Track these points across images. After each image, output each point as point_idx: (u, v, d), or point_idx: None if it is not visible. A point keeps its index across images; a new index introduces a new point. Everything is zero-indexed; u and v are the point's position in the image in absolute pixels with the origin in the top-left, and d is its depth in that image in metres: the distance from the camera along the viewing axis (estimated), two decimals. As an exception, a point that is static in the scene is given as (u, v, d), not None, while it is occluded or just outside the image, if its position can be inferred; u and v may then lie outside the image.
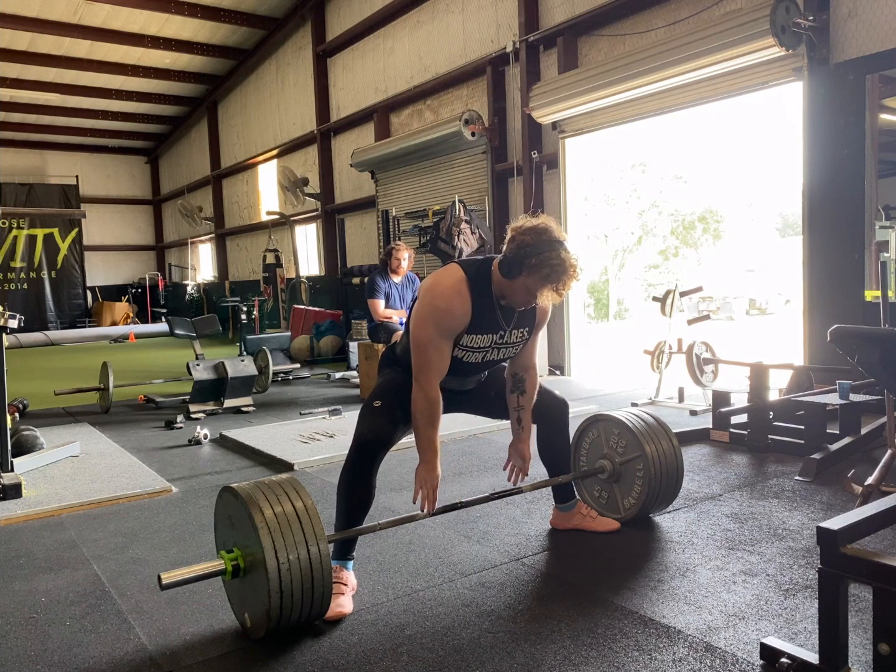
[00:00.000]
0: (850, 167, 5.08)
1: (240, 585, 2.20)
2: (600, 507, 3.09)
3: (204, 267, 18.16)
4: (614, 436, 3.01)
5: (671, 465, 2.91)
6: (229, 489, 2.20)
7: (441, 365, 2.38)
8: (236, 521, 2.17)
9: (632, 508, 2.97)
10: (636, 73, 6.21)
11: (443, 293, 2.34)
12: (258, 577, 2.06)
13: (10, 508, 3.50)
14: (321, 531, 2.11)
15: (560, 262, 2.29)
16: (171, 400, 6.47)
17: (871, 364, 2.23)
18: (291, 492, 2.17)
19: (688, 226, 18.01)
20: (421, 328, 2.35)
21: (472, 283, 2.36)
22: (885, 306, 3.87)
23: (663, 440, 2.93)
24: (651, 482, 2.87)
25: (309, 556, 2.06)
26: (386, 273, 6.25)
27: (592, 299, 16.94)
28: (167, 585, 2.07)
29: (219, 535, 2.34)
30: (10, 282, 17.27)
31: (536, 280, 2.29)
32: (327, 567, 2.09)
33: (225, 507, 2.27)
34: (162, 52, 13.11)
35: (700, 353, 5.57)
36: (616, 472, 2.99)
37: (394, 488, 3.65)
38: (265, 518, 2.05)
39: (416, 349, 2.38)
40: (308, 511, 2.13)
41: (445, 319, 2.33)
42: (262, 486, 2.18)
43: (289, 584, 2.02)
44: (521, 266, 2.29)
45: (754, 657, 1.96)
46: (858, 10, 5.04)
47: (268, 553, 2.01)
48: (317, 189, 11.81)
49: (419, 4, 9.35)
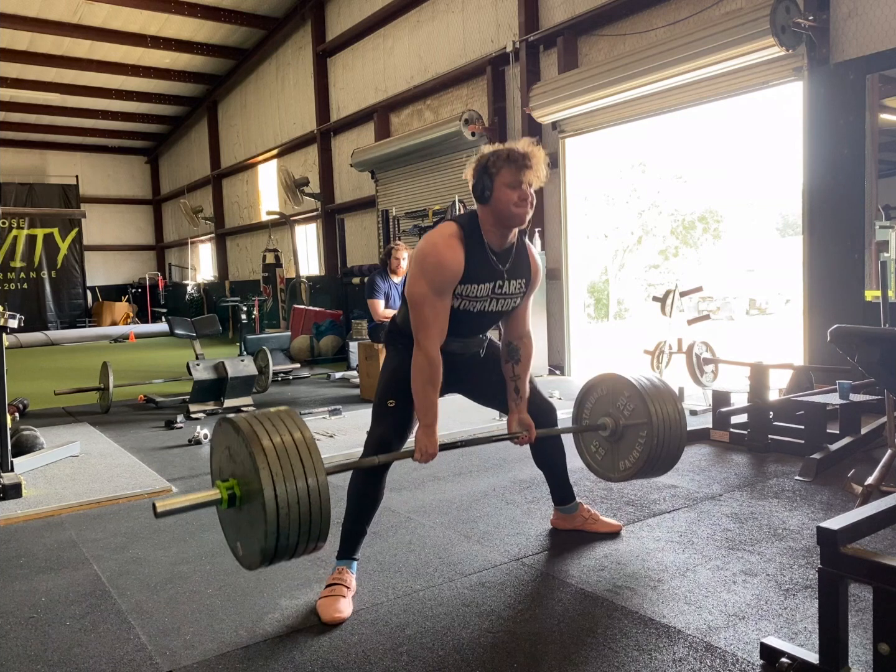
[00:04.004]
0: (851, 167, 5.08)
1: (235, 516, 2.15)
2: (596, 463, 3.01)
3: (204, 267, 18.16)
4: (623, 397, 2.89)
5: (675, 437, 2.82)
6: (228, 420, 2.14)
7: (439, 322, 2.35)
8: (234, 453, 2.12)
9: (627, 471, 2.89)
10: (636, 73, 6.21)
11: (434, 249, 2.32)
12: (254, 508, 2.01)
13: (10, 508, 3.50)
14: (320, 463, 2.05)
15: (512, 149, 2.32)
16: (171, 400, 6.47)
17: (871, 364, 2.23)
18: (290, 423, 2.11)
19: (688, 225, 18.00)
20: (415, 286, 2.33)
21: (464, 231, 2.36)
22: (885, 306, 3.86)
23: (670, 407, 2.82)
24: (651, 451, 2.78)
25: (307, 486, 2.00)
26: (386, 273, 6.24)
27: (592, 299, 16.95)
28: (162, 514, 2.03)
29: (215, 466, 2.28)
30: (9, 282, 17.27)
31: (506, 171, 2.30)
32: (325, 500, 2.03)
33: (223, 438, 2.20)
34: (162, 52, 13.12)
35: (700, 352, 5.57)
36: (618, 432, 2.89)
37: (394, 488, 3.65)
38: (263, 448, 2.00)
39: (413, 308, 2.35)
40: (307, 443, 2.07)
41: (438, 274, 2.30)
42: (262, 417, 2.12)
43: (286, 513, 1.96)
44: (486, 174, 2.32)
45: (754, 657, 1.96)
46: (858, 9, 5.04)
47: (265, 482, 1.95)
48: (317, 189, 11.81)
49: (419, 4, 9.35)
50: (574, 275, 7.66)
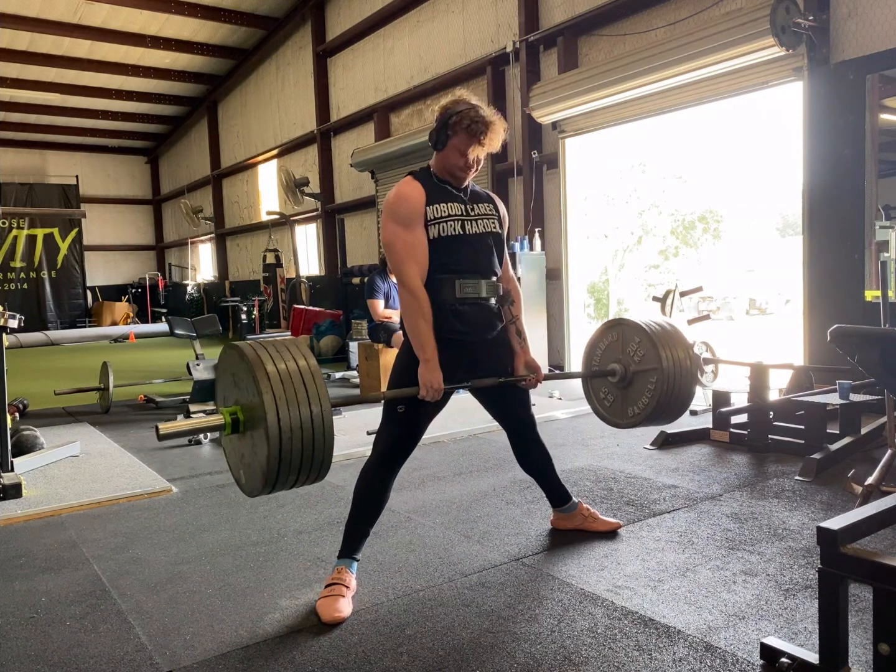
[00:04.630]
0: (851, 167, 5.08)
1: (238, 442, 2.14)
2: (604, 409, 2.97)
3: (204, 267, 18.16)
4: (633, 343, 2.84)
5: (685, 384, 2.77)
6: (234, 346, 2.12)
7: (415, 254, 2.39)
8: (238, 379, 2.10)
9: (636, 417, 2.84)
10: (636, 73, 6.21)
11: (393, 193, 2.45)
12: (257, 433, 2.00)
13: (10, 508, 3.50)
14: (324, 390, 2.03)
15: (477, 115, 2.39)
16: (172, 400, 6.47)
17: (871, 364, 2.23)
18: (295, 351, 2.09)
19: (688, 226, 17.99)
20: (385, 230, 2.43)
21: (416, 174, 2.49)
22: (885, 306, 3.86)
23: (681, 352, 2.77)
24: (661, 397, 2.73)
25: (311, 413, 1.98)
26: (385, 273, 6.25)
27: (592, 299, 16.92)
28: (164, 436, 2.04)
29: (219, 392, 2.26)
30: (10, 282, 17.27)
31: (462, 138, 2.39)
32: (329, 427, 2.01)
33: (228, 364, 2.19)
34: (162, 52, 13.12)
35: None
36: (627, 378, 2.84)
37: (394, 488, 3.62)
38: (267, 373, 1.98)
39: (388, 249, 2.43)
40: (311, 370, 2.05)
41: (400, 206, 2.40)
42: (267, 344, 2.11)
43: (288, 437, 1.95)
44: (446, 129, 2.41)
45: (754, 657, 1.96)
46: (858, 9, 5.04)
47: (268, 407, 1.94)
48: (317, 189, 11.81)
49: (419, 4, 9.35)
50: (574, 275, 7.66)
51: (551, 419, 5.26)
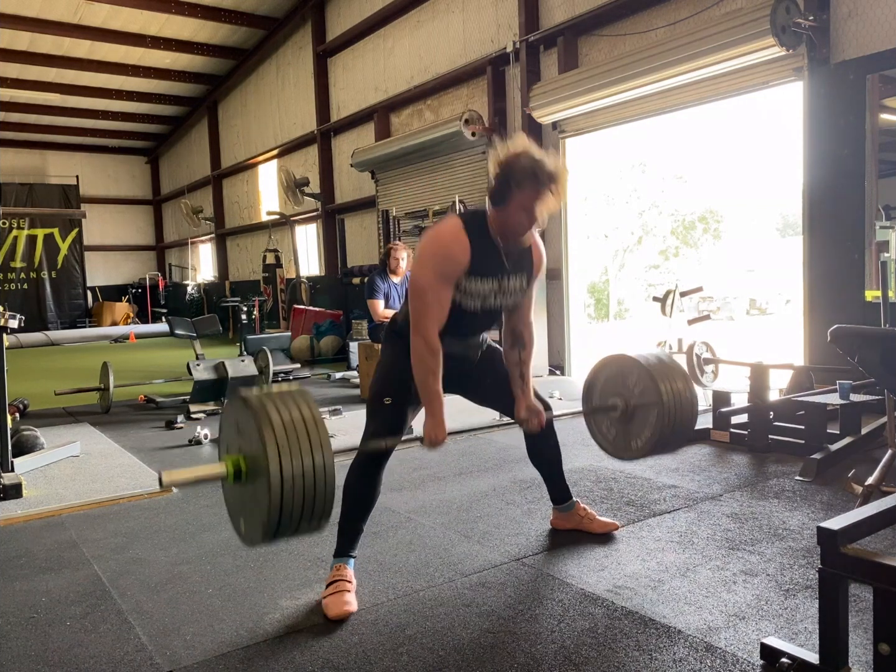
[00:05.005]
0: (851, 167, 5.08)
1: (240, 491, 2.15)
2: (607, 443, 2.95)
3: (204, 267, 18.16)
4: (632, 377, 2.84)
5: (687, 415, 2.76)
6: (239, 396, 2.12)
7: (440, 311, 2.34)
8: (242, 427, 2.11)
9: (639, 450, 2.83)
10: (636, 73, 6.20)
11: (440, 238, 2.34)
12: (259, 483, 2.01)
13: (10, 508, 3.51)
14: (327, 440, 2.04)
15: (547, 167, 2.24)
16: (172, 400, 6.47)
17: (872, 364, 2.23)
18: (301, 401, 2.09)
19: (688, 226, 18.00)
20: (420, 273, 2.33)
21: (468, 225, 2.35)
22: (885, 306, 3.87)
23: (680, 384, 2.75)
24: (664, 430, 2.72)
25: (313, 463, 1.98)
26: (385, 273, 6.24)
27: (592, 299, 16.94)
28: (168, 484, 2.04)
29: (223, 440, 2.26)
30: (10, 282, 17.26)
31: (530, 192, 2.25)
32: (331, 477, 2.02)
33: (232, 413, 2.20)
34: (162, 53, 13.11)
35: (700, 353, 5.57)
36: (629, 412, 2.84)
37: (394, 488, 3.65)
38: (272, 422, 1.98)
39: (415, 295, 2.34)
40: (315, 420, 2.05)
41: (444, 262, 2.30)
42: (272, 395, 2.11)
43: (290, 488, 1.95)
44: (510, 185, 2.25)
45: (755, 657, 1.96)
46: (859, 9, 5.04)
47: (271, 456, 1.94)
48: (317, 189, 11.81)
49: (419, 4, 9.34)
50: (574, 275, 7.66)
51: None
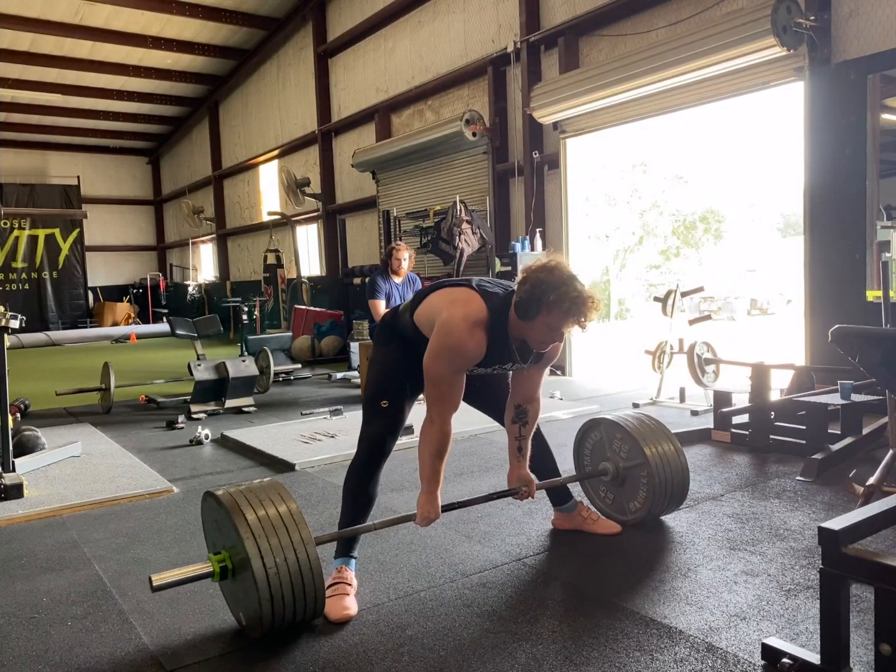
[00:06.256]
0: (852, 167, 5.08)
1: (232, 586, 2.20)
2: (607, 507, 3.07)
3: (205, 267, 18.17)
4: (616, 440, 2.98)
5: (675, 470, 2.88)
6: (211, 494, 2.18)
7: (455, 399, 2.37)
8: (222, 526, 2.16)
9: (638, 513, 2.95)
10: (637, 73, 6.20)
11: (458, 333, 2.28)
12: (247, 579, 2.05)
13: (11, 508, 3.51)
14: (308, 535, 2.10)
15: (578, 295, 2.21)
16: (173, 400, 6.47)
17: (873, 364, 2.23)
18: (275, 496, 2.16)
19: (689, 226, 17.97)
20: (435, 364, 2.32)
21: (490, 320, 2.31)
22: (886, 306, 3.86)
23: (665, 445, 2.89)
24: (656, 488, 2.84)
25: (297, 559, 2.04)
26: (387, 273, 6.24)
27: (593, 299, 16.85)
28: (158, 587, 2.08)
29: (208, 538, 2.33)
30: (11, 282, 17.28)
31: (558, 316, 2.23)
32: (317, 570, 2.08)
33: (209, 512, 2.25)
34: (163, 53, 13.12)
35: (701, 353, 5.57)
36: (620, 475, 2.96)
37: (394, 489, 3.65)
38: (248, 523, 2.04)
39: (430, 383, 2.35)
40: (293, 515, 2.12)
41: (459, 358, 2.31)
42: (245, 491, 2.16)
43: (278, 587, 2.00)
44: (539, 305, 2.22)
45: (756, 658, 1.96)
46: (860, 9, 5.04)
47: (253, 558, 1.99)
48: (318, 189, 11.81)
49: (420, 4, 9.35)
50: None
51: (552, 419, 5.25)
